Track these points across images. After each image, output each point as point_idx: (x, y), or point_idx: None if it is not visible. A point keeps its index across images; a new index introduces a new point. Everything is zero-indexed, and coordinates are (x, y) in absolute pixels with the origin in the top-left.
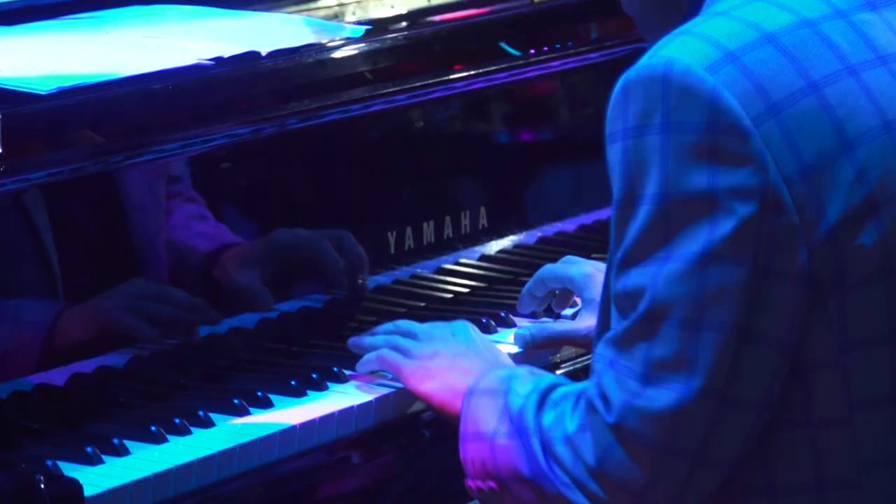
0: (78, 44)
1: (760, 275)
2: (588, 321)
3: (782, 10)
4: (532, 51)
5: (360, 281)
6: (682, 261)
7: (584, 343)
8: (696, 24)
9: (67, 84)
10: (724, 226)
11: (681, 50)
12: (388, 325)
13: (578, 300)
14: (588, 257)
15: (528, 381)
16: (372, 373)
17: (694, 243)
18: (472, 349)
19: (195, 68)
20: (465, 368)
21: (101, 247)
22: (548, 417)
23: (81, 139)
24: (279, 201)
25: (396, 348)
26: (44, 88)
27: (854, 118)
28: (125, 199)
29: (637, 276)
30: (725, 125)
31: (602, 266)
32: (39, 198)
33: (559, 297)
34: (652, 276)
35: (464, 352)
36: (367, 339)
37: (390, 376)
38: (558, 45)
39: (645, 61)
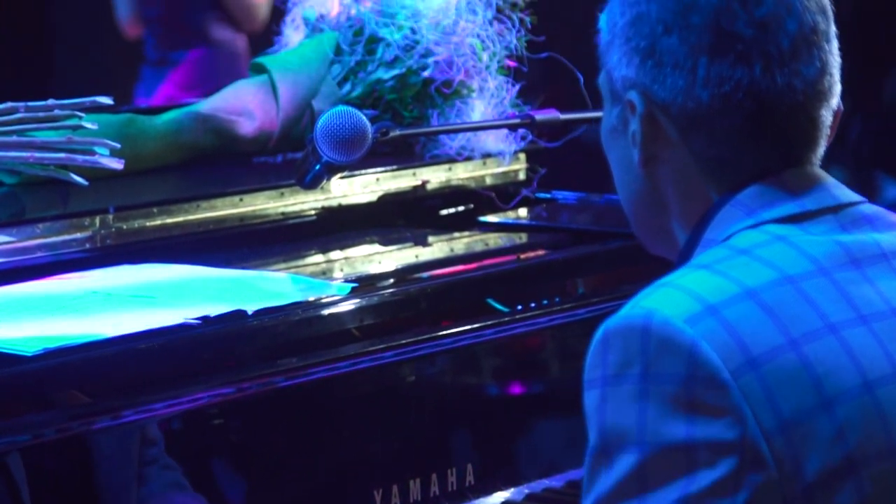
0: (65, 304)
1: None
2: None
3: (765, 266)
4: (519, 307)
5: None
6: None
7: None
8: (678, 277)
9: (53, 345)
10: (702, 479)
11: (661, 301)
12: None
13: None
14: None
15: None
16: None
17: (670, 494)
18: None
19: (182, 328)
20: None
21: None
22: None
23: (67, 400)
24: (265, 459)
25: None
26: (29, 350)
27: (834, 376)
28: (98, 461)
29: None
30: (704, 377)
31: None
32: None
33: None
34: None
35: None
36: None
37: None
38: (545, 301)
39: (626, 311)
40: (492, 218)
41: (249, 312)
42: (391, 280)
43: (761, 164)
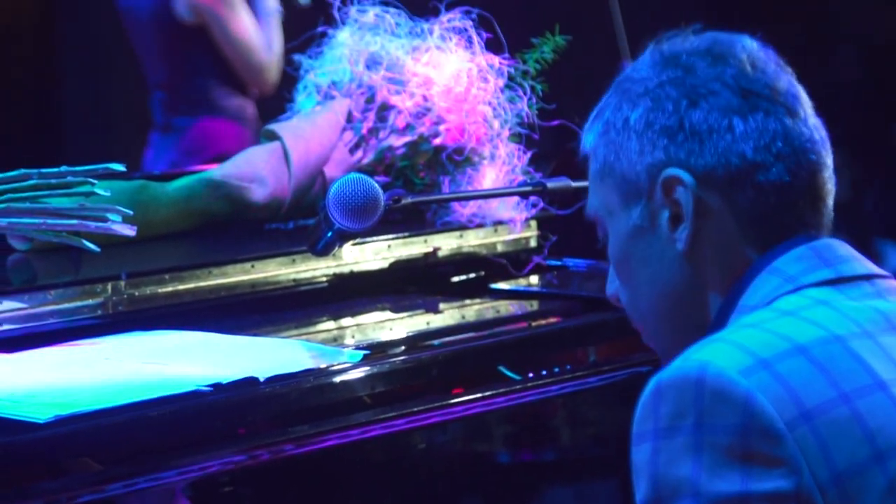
0: (77, 371)
1: None
2: None
3: (812, 325)
4: (531, 374)
5: None
6: None
7: None
8: (727, 334)
9: (65, 412)
10: None
11: (714, 354)
12: None
13: None
14: None
15: None
16: None
17: None
18: None
19: (193, 395)
20: None
21: None
22: None
23: (79, 467)
24: None
25: None
26: (42, 417)
27: (886, 431)
28: None
29: None
30: (759, 428)
31: None
32: None
33: None
34: None
35: None
36: None
37: None
38: (557, 369)
39: (678, 363)
40: (503, 285)
41: (261, 379)
42: (403, 347)
43: (794, 218)
